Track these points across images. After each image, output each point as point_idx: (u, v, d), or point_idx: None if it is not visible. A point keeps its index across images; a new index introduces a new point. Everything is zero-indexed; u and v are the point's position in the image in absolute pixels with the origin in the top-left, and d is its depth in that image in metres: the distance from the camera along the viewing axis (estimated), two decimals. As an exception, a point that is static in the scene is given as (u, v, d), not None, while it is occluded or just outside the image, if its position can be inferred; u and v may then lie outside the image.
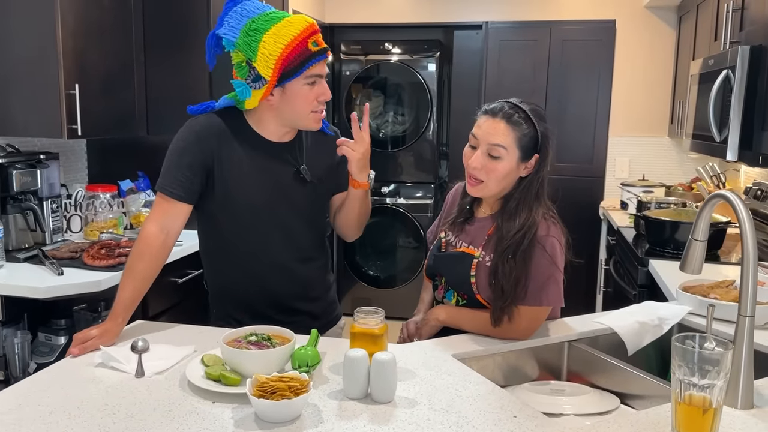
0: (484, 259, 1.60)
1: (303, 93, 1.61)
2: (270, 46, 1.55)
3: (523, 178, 1.59)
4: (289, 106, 1.63)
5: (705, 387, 1.05)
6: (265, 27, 1.56)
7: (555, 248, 1.55)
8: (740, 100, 2.49)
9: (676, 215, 2.78)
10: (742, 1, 2.71)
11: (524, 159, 1.57)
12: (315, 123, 1.68)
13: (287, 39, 1.55)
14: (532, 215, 1.55)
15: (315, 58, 1.58)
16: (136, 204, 2.93)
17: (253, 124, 1.70)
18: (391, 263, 4.77)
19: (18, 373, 2.12)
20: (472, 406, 1.23)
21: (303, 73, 1.58)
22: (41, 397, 1.25)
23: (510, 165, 1.56)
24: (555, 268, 1.55)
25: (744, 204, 1.23)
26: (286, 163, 1.71)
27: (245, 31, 1.58)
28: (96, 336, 1.50)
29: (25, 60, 2.42)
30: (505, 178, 1.57)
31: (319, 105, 1.64)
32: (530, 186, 1.58)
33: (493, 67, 4.41)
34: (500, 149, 1.54)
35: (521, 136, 1.54)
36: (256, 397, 1.14)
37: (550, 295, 1.57)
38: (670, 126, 4.20)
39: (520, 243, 1.53)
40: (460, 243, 1.67)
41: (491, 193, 1.61)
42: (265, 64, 1.56)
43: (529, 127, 1.55)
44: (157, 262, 1.65)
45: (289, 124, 1.69)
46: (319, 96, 1.63)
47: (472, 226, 1.68)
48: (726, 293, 1.81)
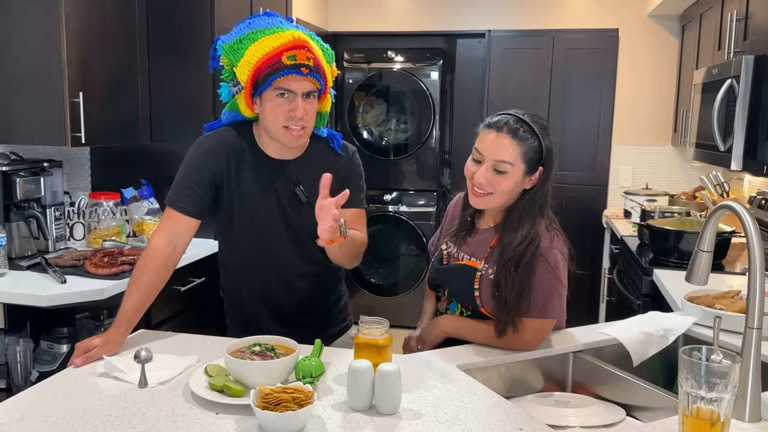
0: (487, 272, 1.59)
1: (272, 105, 1.62)
2: (250, 55, 1.60)
3: (527, 190, 1.59)
4: (264, 118, 1.66)
5: (713, 400, 1.04)
6: (256, 37, 1.61)
7: (558, 260, 1.55)
8: (744, 109, 2.49)
9: (680, 224, 2.77)
10: (746, 10, 2.71)
11: (529, 172, 1.56)
12: (289, 140, 1.66)
13: (266, 50, 1.59)
14: (535, 227, 1.54)
15: (284, 71, 1.58)
16: (139, 212, 2.92)
17: (257, 139, 1.73)
18: (394, 271, 4.76)
19: (20, 382, 2.11)
20: (478, 418, 1.22)
21: (272, 84, 1.60)
22: (44, 408, 1.24)
23: (516, 180, 1.55)
24: (558, 280, 1.55)
25: (751, 215, 1.22)
26: (287, 181, 1.72)
27: (239, 39, 1.63)
28: (99, 345, 1.49)
29: (29, 67, 2.43)
30: (511, 192, 1.57)
31: (289, 120, 1.62)
32: (534, 198, 1.57)
33: (496, 75, 4.41)
34: (506, 165, 1.53)
35: (527, 150, 1.53)
36: (260, 408, 1.14)
37: (555, 307, 1.56)
38: (674, 135, 4.19)
39: (522, 255, 1.52)
40: (462, 255, 1.67)
41: (496, 205, 1.60)
42: (242, 71, 1.62)
43: (534, 141, 1.54)
44: (163, 274, 1.67)
45: (274, 138, 1.69)
46: (289, 111, 1.61)
47: (474, 238, 1.67)
48: (731, 304, 1.80)
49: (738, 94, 2.49)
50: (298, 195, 1.72)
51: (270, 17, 1.64)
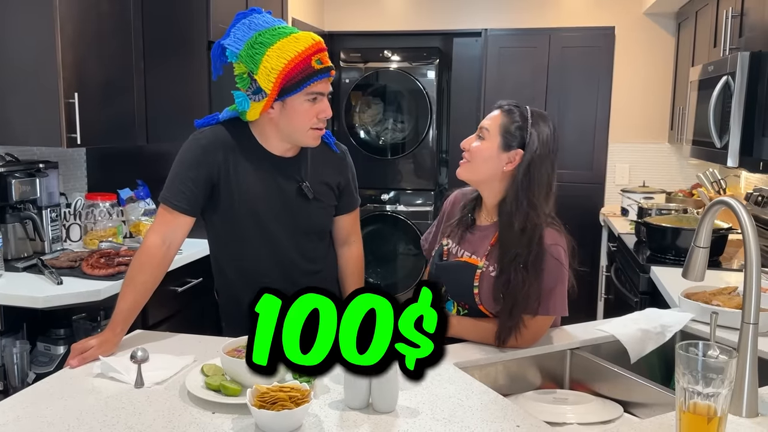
0: (487, 270, 1.59)
1: (303, 109, 1.62)
2: (273, 61, 1.56)
3: (512, 177, 1.56)
4: (288, 121, 1.64)
5: (709, 395, 1.04)
6: (270, 41, 1.57)
7: (561, 256, 1.55)
8: (740, 106, 2.49)
9: (677, 222, 2.78)
10: (741, 7, 2.72)
11: (505, 148, 1.56)
12: (313, 140, 1.68)
13: (291, 54, 1.56)
14: (531, 221, 1.52)
15: (317, 76, 1.59)
16: (135, 213, 2.92)
17: (257, 137, 1.71)
18: (392, 271, 4.76)
19: (17, 383, 2.10)
20: (475, 415, 1.22)
21: (303, 90, 1.59)
22: (40, 409, 1.24)
23: (490, 147, 1.57)
24: (560, 277, 1.55)
25: (747, 210, 1.22)
26: (290, 178, 1.72)
27: (250, 44, 1.59)
28: (95, 346, 1.49)
29: (24, 69, 2.42)
30: (485, 162, 1.57)
31: (318, 122, 1.65)
32: (519, 188, 1.54)
33: (493, 74, 4.41)
34: (484, 131, 1.59)
35: (507, 124, 1.56)
36: (257, 407, 1.13)
37: (557, 304, 1.56)
38: (670, 132, 4.20)
39: (528, 252, 1.51)
40: (462, 252, 1.66)
41: (475, 176, 1.61)
42: (266, 78, 1.57)
43: (521, 121, 1.56)
44: (158, 274, 1.66)
45: (288, 140, 1.69)
46: (319, 113, 1.63)
47: (474, 234, 1.67)
48: (728, 300, 1.80)
49: (734, 91, 2.50)
50: (305, 191, 1.72)
51: (262, 15, 1.63)
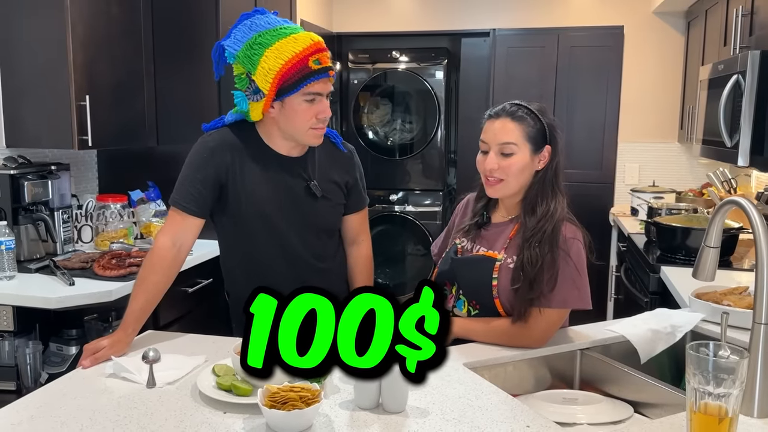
0: (506, 262, 1.59)
1: (301, 109, 1.63)
2: (270, 61, 1.57)
3: (539, 171, 1.60)
4: (288, 121, 1.65)
5: (720, 396, 1.03)
6: (269, 42, 1.58)
7: (580, 250, 1.56)
8: (751, 105, 2.48)
9: (688, 221, 2.76)
10: (751, 5, 2.70)
11: (536, 151, 1.57)
12: (314, 139, 1.70)
13: (288, 55, 1.57)
14: (553, 204, 1.56)
15: (314, 76, 1.60)
16: (146, 214, 2.94)
17: (264, 137, 1.73)
18: (401, 271, 4.76)
19: (30, 384, 2.12)
20: (485, 416, 1.22)
21: (301, 90, 1.60)
22: (53, 409, 1.25)
23: (524, 159, 1.56)
24: (578, 271, 1.55)
25: (757, 210, 1.22)
26: (298, 177, 1.73)
27: (249, 45, 1.60)
28: (107, 346, 1.50)
29: (36, 71, 2.44)
30: (522, 173, 1.58)
31: (318, 122, 1.65)
32: (545, 177, 1.59)
33: (501, 74, 4.40)
34: (511, 146, 1.56)
35: (528, 129, 1.56)
36: (268, 407, 1.14)
37: (574, 297, 1.56)
38: (680, 131, 4.18)
39: (544, 231, 1.53)
40: (478, 248, 1.66)
41: (511, 190, 1.60)
42: (264, 78, 1.58)
43: (534, 121, 1.57)
44: (169, 275, 1.67)
45: (291, 138, 1.71)
46: (318, 113, 1.64)
47: (489, 231, 1.67)
48: (739, 300, 1.79)
49: (744, 90, 2.48)
50: (313, 190, 1.73)
51: (265, 16, 1.63)
